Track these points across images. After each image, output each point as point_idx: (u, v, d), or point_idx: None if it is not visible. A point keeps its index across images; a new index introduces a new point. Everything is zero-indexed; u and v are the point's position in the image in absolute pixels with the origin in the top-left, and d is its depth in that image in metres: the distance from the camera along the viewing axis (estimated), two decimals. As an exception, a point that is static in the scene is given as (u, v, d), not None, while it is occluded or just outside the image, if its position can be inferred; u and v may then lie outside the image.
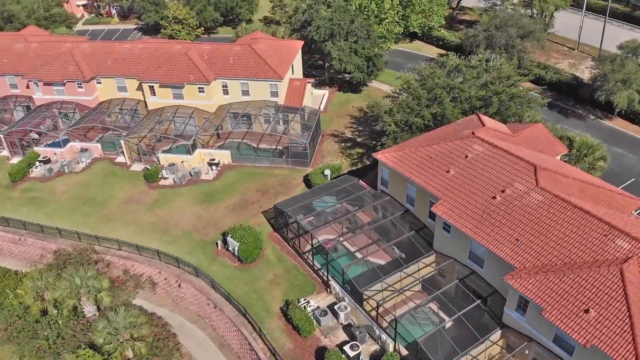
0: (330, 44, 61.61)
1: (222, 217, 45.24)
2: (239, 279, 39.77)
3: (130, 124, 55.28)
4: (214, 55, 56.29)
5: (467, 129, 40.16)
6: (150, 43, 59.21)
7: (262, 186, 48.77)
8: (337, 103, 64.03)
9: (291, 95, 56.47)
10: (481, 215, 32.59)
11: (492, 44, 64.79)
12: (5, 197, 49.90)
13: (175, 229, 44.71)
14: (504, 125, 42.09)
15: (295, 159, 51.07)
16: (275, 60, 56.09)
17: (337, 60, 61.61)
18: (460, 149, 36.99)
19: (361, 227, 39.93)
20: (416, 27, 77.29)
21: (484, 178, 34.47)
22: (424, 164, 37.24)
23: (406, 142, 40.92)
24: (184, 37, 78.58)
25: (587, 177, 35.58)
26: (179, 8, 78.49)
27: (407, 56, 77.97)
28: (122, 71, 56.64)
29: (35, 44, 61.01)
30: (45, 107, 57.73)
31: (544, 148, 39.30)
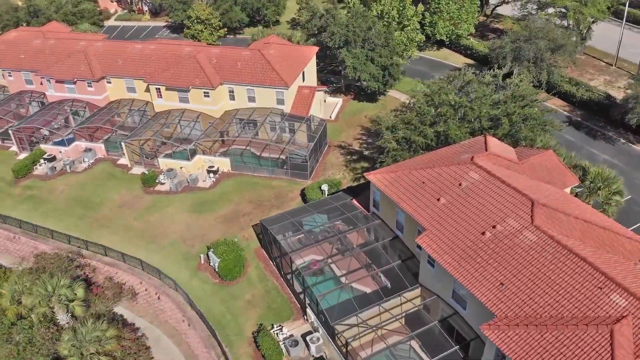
0: (345, 51, 59.29)
1: (211, 229, 43.88)
2: (216, 296, 38.26)
3: (137, 125, 54.72)
4: (222, 59, 55.06)
5: (470, 152, 37.14)
6: (162, 44, 58.59)
7: (257, 197, 47.13)
8: (350, 112, 61.67)
9: (298, 104, 54.56)
10: (467, 252, 29.71)
11: (520, 57, 60.83)
12: (6, 194, 50.30)
13: (162, 238, 43.68)
14: (512, 150, 38.75)
15: (295, 171, 49.17)
16: (284, 67, 54.31)
17: (351, 68, 59.21)
18: (456, 175, 34.08)
19: (347, 251, 37.61)
20: (443, 34, 73.81)
21: (475, 210, 31.51)
22: (415, 189, 34.55)
23: (401, 163, 38.27)
24: (206, 38, 77.96)
25: (593, 215, 31.99)
26: (202, 8, 77.85)
27: (432, 64, 74.79)
28: (131, 72, 56.25)
29: (52, 40, 61.56)
30: (57, 104, 58.06)
31: (552, 178, 35.81)
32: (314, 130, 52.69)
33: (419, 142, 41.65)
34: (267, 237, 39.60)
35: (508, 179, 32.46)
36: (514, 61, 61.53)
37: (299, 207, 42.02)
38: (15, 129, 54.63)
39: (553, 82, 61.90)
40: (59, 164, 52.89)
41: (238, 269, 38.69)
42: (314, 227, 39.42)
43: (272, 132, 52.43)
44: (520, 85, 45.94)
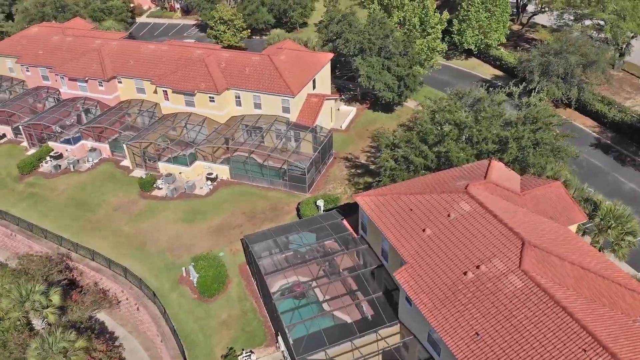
0: (359, 59, 56.91)
1: (199, 239, 42.65)
2: (192, 313, 36.95)
3: (144, 126, 54.17)
4: (231, 63, 53.80)
5: (469, 178, 34.25)
6: (174, 46, 57.89)
7: (251, 209, 45.57)
8: (363, 122, 59.26)
9: (305, 113, 52.64)
10: (446, 293, 27.05)
11: (548, 72, 56.75)
12: (10, 189, 50.77)
13: (150, 246, 42.78)
14: (517, 178, 35.53)
15: (293, 183, 47.32)
16: (293, 74, 52.51)
17: (365, 77, 56.78)
18: (446, 204, 31.34)
19: (330, 276, 35.48)
20: (471, 44, 70.19)
21: (461, 246, 28.75)
22: (402, 216, 32.03)
23: (394, 186, 35.71)
24: (229, 39, 77.11)
25: (595, 260, 28.60)
26: (226, 9, 77.02)
27: (458, 74, 71.35)
28: (141, 73, 55.81)
29: (70, 37, 62.00)
30: (69, 101, 58.35)
31: (557, 213, 32.48)
32: (318, 141, 50.64)
33: (418, 163, 38.93)
34: (249, 255, 37.95)
35: (501, 213, 29.49)
36: (542, 76, 57.52)
37: (286, 224, 40.12)
38: (26, 125, 55.14)
39: (584, 100, 57.55)
40: (63, 162, 53.01)
41: (217, 286, 37.23)
42: (299, 246, 37.45)
43: (277, 140, 50.78)
44: (538, 105, 42.32)
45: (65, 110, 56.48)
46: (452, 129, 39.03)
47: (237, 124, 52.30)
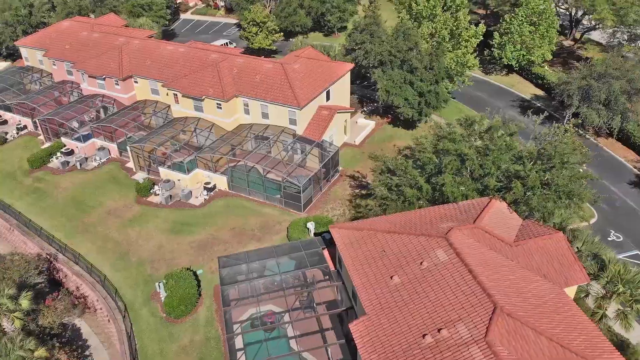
0: (379, 71, 53.58)
1: (181, 253, 41.17)
2: (157, 333, 35.44)
3: (154, 128, 53.49)
4: (243, 70, 52.04)
5: (459, 219, 30.61)
6: (191, 48, 56.81)
7: (241, 225, 43.59)
8: (379, 138, 55.90)
9: (313, 126, 50.06)
10: (398, 356, 23.79)
11: (589, 97, 51.17)
12: (17, 183, 51.48)
13: (133, 255, 41.75)
14: (515, 225, 31.43)
15: (289, 201, 44.90)
16: (305, 85, 50.04)
17: (384, 91, 53.42)
18: (422, 249, 27.92)
19: (303, 310, 32.90)
20: (512, 59, 64.96)
21: (426, 302, 25.34)
22: (373, 257, 28.93)
23: (373, 220, 32.55)
24: (259, 42, 75.63)
25: (583, 336, 24.30)
26: (259, 10, 75.52)
27: (495, 91, 66.51)
28: (155, 74, 55.17)
29: (97, 34, 62.43)
30: (88, 98, 58.72)
31: (552, 271, 28.24)
32: (323, 156, 47.87)
33: (410, 195, 35.43)
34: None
35: (480, 267, 25.79)
36: (582, 101, 51.97)
37: (266, 247, 37.75)
38: (42, 119, 55.86)
39: (627, 131, 51.49)
40: (72, 159, 53.20)
41: (184, 307, 35.48)
42: (274, 274, 35.02)
43: (283, 152, 48.51)
44: (559, 137, 37.61)
45: (81, 107, 56.81)
46: (453, 160, 35.21)
47: (243, 132, 50.46)
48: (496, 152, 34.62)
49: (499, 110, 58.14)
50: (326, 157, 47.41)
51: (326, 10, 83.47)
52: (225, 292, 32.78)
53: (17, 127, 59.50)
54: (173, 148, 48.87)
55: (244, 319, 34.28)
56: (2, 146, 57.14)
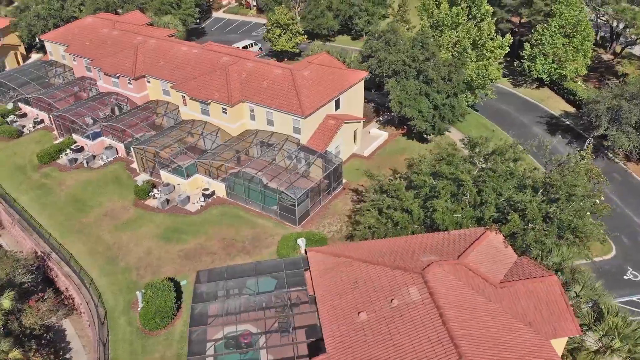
0: (392, 81, 51.19)
1: (168, 262, 40.34)
2: (131, 345, 34.65)
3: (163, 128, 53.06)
4: (252, 75, 50.80)
5: (442, 252, 28.23)
6: (205, 50, 55.95)
7: (233, 235, 42.37)
8: (391, 150, 53.50)
9: (318, 136, 48.27)
10: (351, 403, 21.82)
11: (619, 118, 47.22)
12: (26, 177, 52.05)
13: (121, 260, 41.22)
14: (507, 262, 28.70)
15: (284, 213, 43.32)
16: (312, 92, 48.31)
17: (396, 102, 51.01)
18: (395, 285, 25.75)
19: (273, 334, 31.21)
20: (542, 72, 61.09)
21: (389, 346, 23.19)
22: (344, 289, 26.97)
23: (353, 245, 30.51)
24: (282, 44, 74.32)
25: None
26: (283, 12, 74.20)
27: (521, 105, 62.86)
28: (167, 74, 54.70)
29: (117, 32, 62.68)
30: (104, 95, 58.95)
31: (540, 319, 25.46)
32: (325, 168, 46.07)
33: (399, 220, 33.12)
34: (199, 293, 34.68)
35: (454, 311, 23.42)
36: (612, 123, 48.02)
37: (248, 263, 36.19)
38: (56, 114, 56.36)
39: (660, 160, 47.21)
40: (80, 156, 53.39)
41: (159, 320, 34.52)
42: (252, 293, 33.46)
43: (285, 162, 47.04)
44: (575, 165, 34.40)
45: (94, 105, 57.01)
46: (448, 184, 32.66)
47: (248, 139, 49.21)
48: (496, 179, 31.83)
49: (523, 126, 54.88)
50: (328, 169, 45.55)
51: (354, 13, 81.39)
52: (195, 310, 31.45)
53: (34, 121, 60.42)
54: (174, 152, 48.10)
55: (219, 337, 32.91)
56: (17, 139, 58.07)
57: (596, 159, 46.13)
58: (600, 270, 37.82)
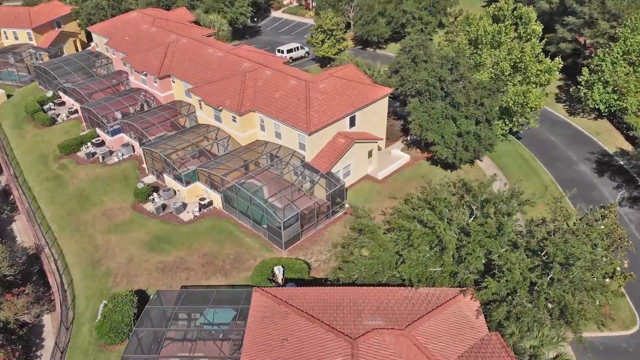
0: (415, 101, 47.00)
1: (144, 272, 39.37)
2: (85, 356, 33.90)
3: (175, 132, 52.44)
4: (268, 84, 48.70)
5: (395, 317, 24.57)
6: (230, 54, 54.42)
7: (215, 252, 40.58)
8: (409, 175, 49.31)
9: (325, 154, 45.25)
10: None
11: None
12: (45, 167, 53.46)
13: (105, 263, 40.80)
14: (475, 335, 24.41)
15: (272, 235, 40.86)
16: (325, 107, 45.39)
17: (417, 125, 46.80)
18: (322, 352, 22.52)
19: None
20: (599, 102, 53.98)
21: None
22: (272, 344, 24.09)
23: (304, 291, 27.38)
24: (325, 51, 71.62)
25: None
26: (329, 16, 71.44)
27: (572, 137, 56.26)
28: (189, 76, 53.95)
29: (155, 28, 63.02)
30: (133, 91, 59.39)
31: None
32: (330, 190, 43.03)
33: (369, 266, 29.53)
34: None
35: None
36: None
37: (210, 289, 34.21)
38: (83, 107, 57.40)
39: None
40: (98, 151, 53.96)
41: (113, 335, 33.40)
42: (205, 323, 31.52)
43: (293, 177, 44.67)
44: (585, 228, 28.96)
45: (119, 100, 57.46)
46: (425, 233, 28.59)
47: (252, 151, 47.16)
48: (480, 235, 27.36)
49: (568, 162, 48.77)
50: (329, 191, 42.49)
51: (406, 21, 76.96)
52: (139, 335, 29.92)
53: (68, 111, 62.15)
54: (178, 157, 47.07)
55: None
56: (49, 127, 59.92)
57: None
58: (613, 350, 32.01)
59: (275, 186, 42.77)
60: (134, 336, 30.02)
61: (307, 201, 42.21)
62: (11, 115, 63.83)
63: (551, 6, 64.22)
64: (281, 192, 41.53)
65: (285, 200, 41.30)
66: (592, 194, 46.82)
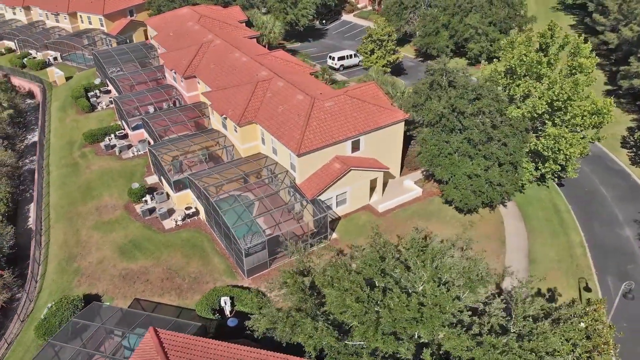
0: (427, 131, 42.18)
1: (107, 278, 39.02)
2: (24, 354, 33.96)
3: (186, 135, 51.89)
4: (276, 95, 46.40)
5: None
6: (252, 60, 52.47)
7: (180, 268, 39.19)
8: (414, 212, 44.65)
9: (316, 178, 42.05)
10: None
11: None
12: (68, 153, 55.44)
13: (78, 261, 41.07)
14: None
15: (237, 260, 38.58)
16: (325, 128, 42.24)
17: (425, 157, 41.95)
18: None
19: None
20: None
21: None
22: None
23: (204, 345, 24.71)
24: (372, 61, 67.68)
25: None
26: (381, 26, 67.29)
27: (629, 192, 48.52)
28: (210, 78, 53.15)
29: (197, 26, 63.20)
30: (165, 88, 59.93)
31: None
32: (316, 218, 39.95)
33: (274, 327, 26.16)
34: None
35: None
36: None
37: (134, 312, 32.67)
38: (114, 98, 58.82)
39: None
40: (117, 143, 54.98)
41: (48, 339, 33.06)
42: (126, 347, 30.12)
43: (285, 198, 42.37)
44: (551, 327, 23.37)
45: (147, 96, 58.02)
46: (360, 306, 24.58)
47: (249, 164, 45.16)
48: (401, 306, 22.93)
49: (612, 223, 41.71)
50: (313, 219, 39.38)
51: (470, 36, 70.42)
52: (54, 347, 29.18)
53: (109, 100, 64.28)
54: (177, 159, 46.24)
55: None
56: (88, 114, 62.34)
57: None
58: None
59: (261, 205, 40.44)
60: (49, 348, 29.36)
61: (291, 226, 39.41)
62: (62, 98, 67.37)
63: (633, 34, 54.92)
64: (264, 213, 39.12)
65: (271, 221, 38.92)
66: (627, 267, 38.98)
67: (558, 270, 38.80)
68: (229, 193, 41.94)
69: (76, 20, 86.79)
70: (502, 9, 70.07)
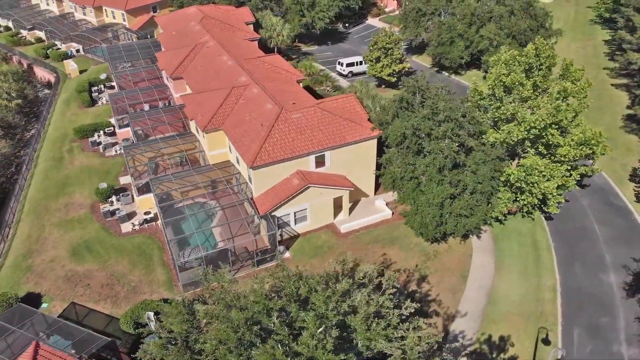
0: (392, 151, 39.53)
1: (52, 278, 38.93)
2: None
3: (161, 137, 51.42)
4: (248, 103, 45.17)
5: None
6: (235, 65, 51.19)
7: (123, 275, 38.59)
8: (377, 236, 42.08)
9: (272, 193, 40.37)
10: None
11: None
12: (57, 147, 56.29)
13: (33, 258, 41.21)
14: None
15: (178, 273, 37.49)
16: (286, 141, 40.56)
17: (388, 179, 39.32)
18: None
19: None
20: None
21: None
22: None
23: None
24: (377, 70, 64.95)
25: None
26: (388, 34, 64.43)
27: (626, 233, 44.20)
28: (195, 81, 52.40)
29: (198, 27, 62.77)
30: (159, 87, 59.84)
31: None
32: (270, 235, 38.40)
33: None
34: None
35: None
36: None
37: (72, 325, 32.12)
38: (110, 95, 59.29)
39: None
40: (102, 140, 55.29)
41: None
42: None
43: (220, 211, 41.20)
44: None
45: (138, 94, 57.99)
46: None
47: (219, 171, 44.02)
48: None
49: (598, 267, 38.16)
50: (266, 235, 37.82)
51: (484, 47, 66.31)
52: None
53: (109, 95, 64.93)
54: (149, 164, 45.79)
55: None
56: (87, 109, 63.29)
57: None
58: None
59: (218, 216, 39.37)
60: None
61: (245, 240, 38.04)
62: (69, 90, 68.81)
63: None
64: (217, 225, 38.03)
65: (228, 233, 37.75)
66: (599, 320, 34.76)
67: (519, 315, 35.21)
68: (184, 202, 41.05)
69: (101, 14, 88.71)
70: (523, 20, 65.52)
